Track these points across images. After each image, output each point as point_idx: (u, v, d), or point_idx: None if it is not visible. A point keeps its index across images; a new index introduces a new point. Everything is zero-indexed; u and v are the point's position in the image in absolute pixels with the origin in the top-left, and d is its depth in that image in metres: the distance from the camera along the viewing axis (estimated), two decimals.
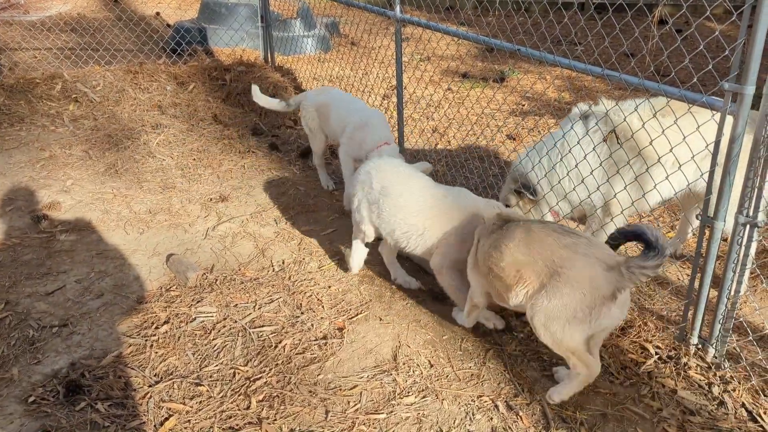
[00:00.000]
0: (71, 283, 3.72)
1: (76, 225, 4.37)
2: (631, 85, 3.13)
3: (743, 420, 2.74)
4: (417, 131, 6.35)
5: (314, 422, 2.74)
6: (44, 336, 3.26)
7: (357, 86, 7.39)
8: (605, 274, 2.57)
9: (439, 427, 2.72)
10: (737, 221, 2.78)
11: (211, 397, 2.88)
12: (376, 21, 10.17)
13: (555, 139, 3.82)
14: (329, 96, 5.04)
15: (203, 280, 3.78)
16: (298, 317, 3.47)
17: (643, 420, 2.76)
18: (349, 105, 4.88)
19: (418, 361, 3.13)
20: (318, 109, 5.00)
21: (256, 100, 5.48)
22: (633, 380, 2.99)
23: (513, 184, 4.04)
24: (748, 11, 2.60)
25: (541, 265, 2.70)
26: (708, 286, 2.99)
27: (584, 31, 5.96)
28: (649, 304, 3.60)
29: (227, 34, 8.29)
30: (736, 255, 2.84)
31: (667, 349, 3.15)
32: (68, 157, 5.47)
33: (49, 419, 2.72)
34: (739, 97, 2.62)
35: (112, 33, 8.45)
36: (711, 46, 8.21)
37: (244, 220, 4.55)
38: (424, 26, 4.76)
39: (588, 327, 2.63)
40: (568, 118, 3.86)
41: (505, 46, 3.96)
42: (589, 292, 2.58)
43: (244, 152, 5.77)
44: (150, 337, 3.27)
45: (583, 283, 2.59)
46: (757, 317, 3.51)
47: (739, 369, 2.99)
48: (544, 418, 2.76)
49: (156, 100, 6.70)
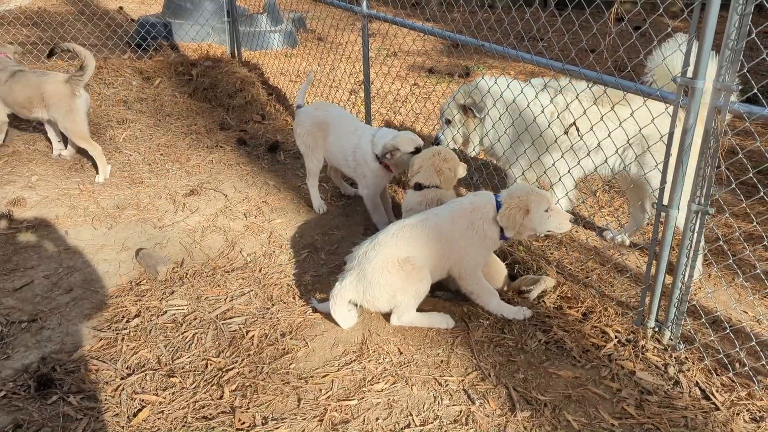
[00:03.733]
0: (39, 279, 3.71)
1: (43, 221, 4.34)
2: (591, 79, 3.25)
3: (697, 398, 2.88)
4: (384, 126, 6.42)
5: (287, 410, 2.79)
6: (13, 331, 3.25)
7: (324, 81, 7.43)
8: None
9: (409, 411, 2.80)
10: (690, 209, 2.91)
11: (184, 388, 2.91)
12: (343, 16, 10.20)
13: (512, 90, 4.14)
14: (328, 113, 4.63)
15: (173, 274, 3.80)
16: (269, 308, 3.52)
17: (604, 400, 2.88)
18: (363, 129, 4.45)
19: (388, 348, 3.21)
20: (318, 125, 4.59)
21: None
22: (594, 363, 3.11)
23: (463, 99, 4.31)
24: (698, 9, 2.73)
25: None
26: (663, 272, 3.13)
27: (546, 28, 6.09)
28: (609, 291, 3.74)
29: (193, 29, 8.24)
30: (689, 242, 2.98)
31: (626, 332, 3.28)
32: (32, 152, 5.40)
33: (21, 413, 2.72)
34: (690, 91, 2.75)
35: (75, 27, 8.32)
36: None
37: (213, 214, 4.57)
38: (390, 22, 4.83)
39: None
40: (531, 83, 4.15)
41: (470, 41, 4.05)
42: None
43: (212, 147, 5.78)
44: (121, 331, 3.28)
45: None
46: (710, 301, 3.67)
47: (693, 350, 3.14)
48: (510, 400, 2.87)
49: (121, 95, 6.65)
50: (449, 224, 3.35)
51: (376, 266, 3.21)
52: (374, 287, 3.22)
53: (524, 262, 3.88)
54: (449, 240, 3.33)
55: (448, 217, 3.36)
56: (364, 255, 3.28)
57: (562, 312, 3.47)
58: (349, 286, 3.27)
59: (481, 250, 3.41)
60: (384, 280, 3.21)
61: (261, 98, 6.88)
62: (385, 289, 3.22)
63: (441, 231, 3.33)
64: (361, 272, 3.25)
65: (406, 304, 3.28)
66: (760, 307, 3.66)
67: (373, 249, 3.27)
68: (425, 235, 3.30)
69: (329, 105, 4.77)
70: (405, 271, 3.21)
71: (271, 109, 6.71)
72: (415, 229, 3.31)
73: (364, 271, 3.23)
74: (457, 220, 3.35)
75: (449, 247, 3.34)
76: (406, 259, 3.23)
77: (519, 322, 3.39)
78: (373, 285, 3.22)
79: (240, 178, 5.21)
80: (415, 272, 3.22)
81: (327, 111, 4.62)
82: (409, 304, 3.29)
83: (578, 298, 3.55)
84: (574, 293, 3.59)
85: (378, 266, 3.21)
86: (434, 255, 3.32)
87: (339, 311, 3.29)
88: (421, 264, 3.25)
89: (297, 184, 5.17)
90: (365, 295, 3.26)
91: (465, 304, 3.56)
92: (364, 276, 3.23)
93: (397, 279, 3.21)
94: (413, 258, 3.24)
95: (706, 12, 2.60)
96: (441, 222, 3.35)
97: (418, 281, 3.24)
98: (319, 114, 4.59)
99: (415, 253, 3.26)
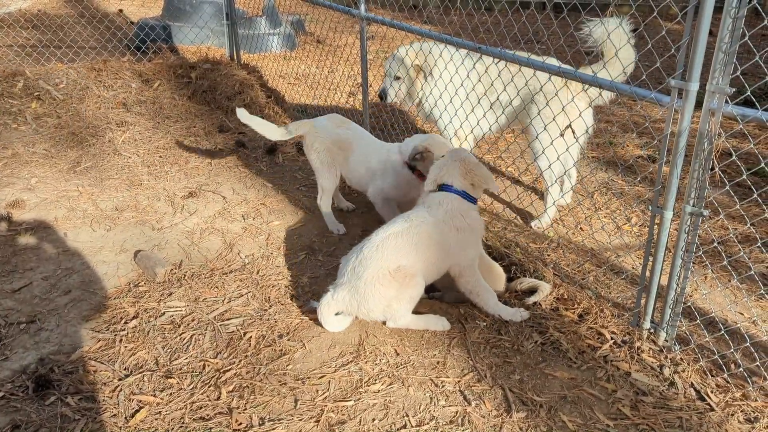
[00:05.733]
0: (38, 280, 3.72)
1: (42, 223, 4.36)
2: (585, 82, 3.27)
3: (692, 399, 2.89)
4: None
5: (284, 410, 2.81)
6: (11, 333, 3.27)
7: (323, 84, 7.46)
8: None
9: (405, 412, 2.81)
10: (685, 211, 2.93)
11: (182, 389, 2.92)
12: (342, 19, 10.23)
13: (462, 58, 4.72)
14: (352, 131, 4.45)
15: (172, 276, 3.82)
16: (267, 310, 3.53)
17: (599, 401, 2.89)
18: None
19: (385, 350, 3.22)
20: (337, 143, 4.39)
21: (246, 122, 4.48)
22: (590, 364, 3.12)
23: (416, 59, 4.79)
24: (692, 12, 2.75)
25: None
26: (659, 274, 3.15)
27: (543, 30, 6.09)
28: (605, 293, 3.75)
29: (192, 32, 8.27)
30: (684, 243, 3.00)
31: (622, 334, 3.30)
32: (31, 155, 5.42)
33: (19, 414, 2.73)
34: (685, 93, 2.77)
35: (75, 30, 8.35)
36: (666, 45, 8.49)
37: (211, 216, 4.59)
38: (388, 25, 4.85)
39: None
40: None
41: (467, 44, 4.07)
42: None
43: (210, 149, 5.80)
44: (119, 332, 3.30)
45: None
46: (705, 303, 3.69)
47: (688, 351, 3.15)
48: (506, 401, 2.88)
49: (121, 98, 6.67)
50: (438, 232, 3.34)
51: (367, 281, 3.20)
52: (368, 301, 3.22)
53: (521, 264, 3.90)
54: (442, 245, 3.35)
55: (435, 225, 3.35)
56: (352, 271, 3.26)
57: (558, 313, 3.49)
58: (340, 301, 3.27)
59: (474, 242, 3.47)
60: (378, 293, 3.21)
61: (260, 101, 6.90)
62: (379, 301, 3.23)
63: (432, 237, 3.33)
64: (352, 288, 3.24)
65: (401, 309, 3.30)
66: (755, 308, 3.68)
67: (360, 264, 3.25)
68: (415, 243, 3.28)
69: (349, 122, 4.54)
70: (398, 281, 3.21)
71: (270, 111, 6.73)
72: (401, 238, 3.28)
73: (356, 287, 3.23)
74: (445, 229, 3.36)
75: (444, 253, 3.36)
76: (398, 268, 3.22)
77: (516, 323, 3.41)
78: (367, 299, 3.22)
79: (238, 180, 5.23)
80: (408, 279, 3.23)
81: (349, 128, 4.44)
82: (404, 309, 3.31)
83: (574, 299, 3.57)
84: (571, 295, 3.60)
85: (369, 280, 3.20)
86: (428, 260, 3.32)
87: (326, 319, 3.32)
88: (413, 271, 3.25)
89: (295, 186, 5.19)
90: (360, 308, 3.26)
91: (461, 305, 3.58)
92: (356, 291, 3.23)
93: (391, 289, 3.21)
94: (404, 266, 3.23)
95: (699, 14, 2.62)
96: (430, 229, 3.33)
97: (411, 287, 3.25)
98: (341, 132, 4.40)
99: (405, 261, 3.24)
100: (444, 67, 4.74)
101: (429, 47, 4.79)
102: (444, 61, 4.74)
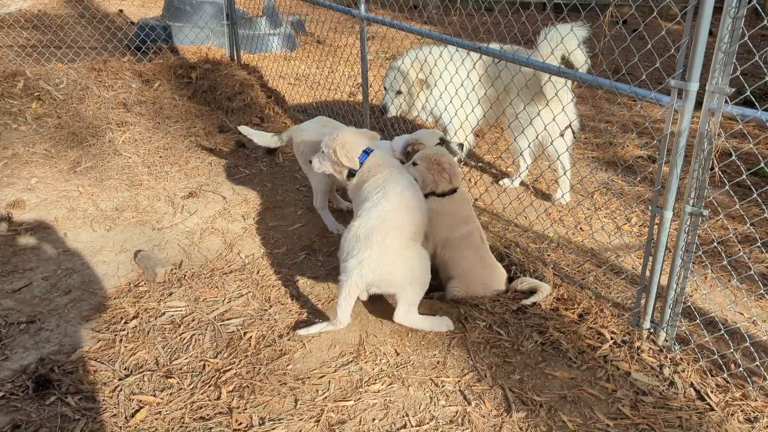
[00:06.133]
0: (38, 280, 3.72)
1: (42, 223, 4.36)
2: (585, 82, 3.27)
3: (692, 399, 2.90)
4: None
5: (284, 410, 2.81)
6: (11, 333, 3.27)
7: (323, 84, 7.46)
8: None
9: (405, 411, 2.81)
10: (685, 211, 2.93)
11: (182, 389, 2.93)
12: (342, 19, 10.24)
13: (463, 58, 4.85)
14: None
15: (172, 276, 3.82)
16: (267, 310, 3.53)
17: (599, 401, 2.89)
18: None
19: (385, 350, 3.22)
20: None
21: (247, 136, 4.78)
22: (590, 364, 3.13)
23: (416, 73, 4.98)
24: (691, 12, 2.75)
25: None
26: (659, 274, 3.15)
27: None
28: (605, 293, 3.75)
29: (192, 32, 8.27)
30: (683, 243, 3.00)
31: (622, 333, 3.30)
32: (32, 155, 5.42)
33: (19, 413, 2.74)
34: (684, 94, 2.77)
35: (75, 30, 8.35)
36: (666, 45, 8.49)
37: (211, 216, 4.59)
38: (388, 25, 4.86)
39: None
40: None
41: (467, 44, 4.08)
42: None
43: (210, 149, 5.80)
44: (119, 332, 3.30)
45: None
46: (705, 303, 3.69)
47: (688, 351, 3.15)
48: (506, 401, 2.88)
49: (121, 98, 6.67)
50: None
51: (390, 247, 3.21)
52: (395, 263, 3.23)
53: (521, 264, 3.90)
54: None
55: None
56: (366, 239, 3.21)
57: (558, 313, 3.49)
58: (369, 274, 3.22)
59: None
60: (403, 255, 3.26)
61: (260, 101, 6.90)
62: (404, 263, 3.26)
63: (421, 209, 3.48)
64: (371, 255, 3.20)
65: (414, 295, 3.32)
66: (755, 308, 3.68)
67: (377, 232, 3.22)
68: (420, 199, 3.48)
69: (334, 122, 4.55)
70: (417, 246, 3.37)
71: (270, 111, 6.73)
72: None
73: (377, 255, 3.20)
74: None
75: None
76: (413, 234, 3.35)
77: (516, 323, 3.41)
78: (394, 261, 3.23)
79: (238, 180, 5.23)
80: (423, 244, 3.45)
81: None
82: (416, 295, 3.33)
83: (574, 299, 3.57)
84: (571, 295, 3.61)
85: (392, 248, 3.22)
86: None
87: (348, 308, 3.28)
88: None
89: (295, 186, 5.19)
90: (383, 274, 3.23)
91: (461, 305, 3.58)
92: (379, 259, 3.20)
93: (415, 253, 3.32)
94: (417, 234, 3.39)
95: (699, 14, 2.62)
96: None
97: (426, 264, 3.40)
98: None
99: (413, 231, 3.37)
100: (444, 68, 4.83)
101: (425, 55, 4.94)
102: (444, 62, 4.82)
